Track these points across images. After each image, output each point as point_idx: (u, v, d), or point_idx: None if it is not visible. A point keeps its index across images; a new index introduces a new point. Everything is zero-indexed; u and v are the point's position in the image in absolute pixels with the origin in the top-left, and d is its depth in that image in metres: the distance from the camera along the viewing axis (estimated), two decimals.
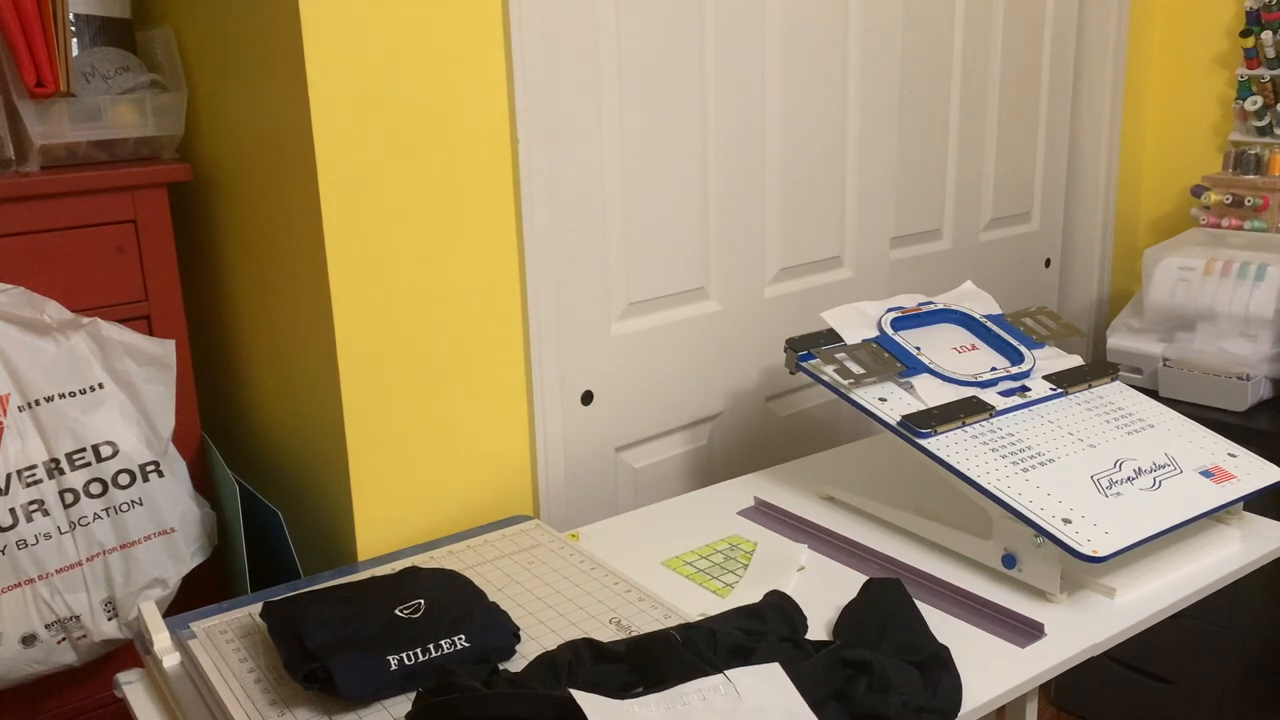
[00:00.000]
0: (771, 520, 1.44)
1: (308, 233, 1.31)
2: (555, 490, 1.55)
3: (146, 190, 1.42)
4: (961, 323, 1.53)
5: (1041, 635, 1.14)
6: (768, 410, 1.83)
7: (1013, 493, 1.22)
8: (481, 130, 1.39)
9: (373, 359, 1.34)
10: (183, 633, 1.15)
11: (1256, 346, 2.00)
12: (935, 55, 2.01)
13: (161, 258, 1.44)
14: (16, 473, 1.30)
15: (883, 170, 1.90)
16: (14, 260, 1.33)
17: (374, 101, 1.29)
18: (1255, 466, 1.34)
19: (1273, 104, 2.29)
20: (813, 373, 1.42)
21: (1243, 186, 2.27)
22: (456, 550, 1.35)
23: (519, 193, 1.43)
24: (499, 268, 1.44)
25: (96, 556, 1.35)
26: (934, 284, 2.12)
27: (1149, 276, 2.13)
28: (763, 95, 1.70)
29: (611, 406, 1.61)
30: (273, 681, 1.06)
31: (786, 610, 1.12)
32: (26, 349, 1.31)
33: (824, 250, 1.85)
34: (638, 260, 1.60)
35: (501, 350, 1.46)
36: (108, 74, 1.43)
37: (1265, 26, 2.25)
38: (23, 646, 1.31)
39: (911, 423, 1.30)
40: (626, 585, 1.23)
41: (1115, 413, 1.40)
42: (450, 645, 1.04)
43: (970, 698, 1.03)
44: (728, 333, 1.74)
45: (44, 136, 1.36)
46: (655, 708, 0.90)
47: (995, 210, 2.23)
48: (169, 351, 1.41)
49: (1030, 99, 2.25)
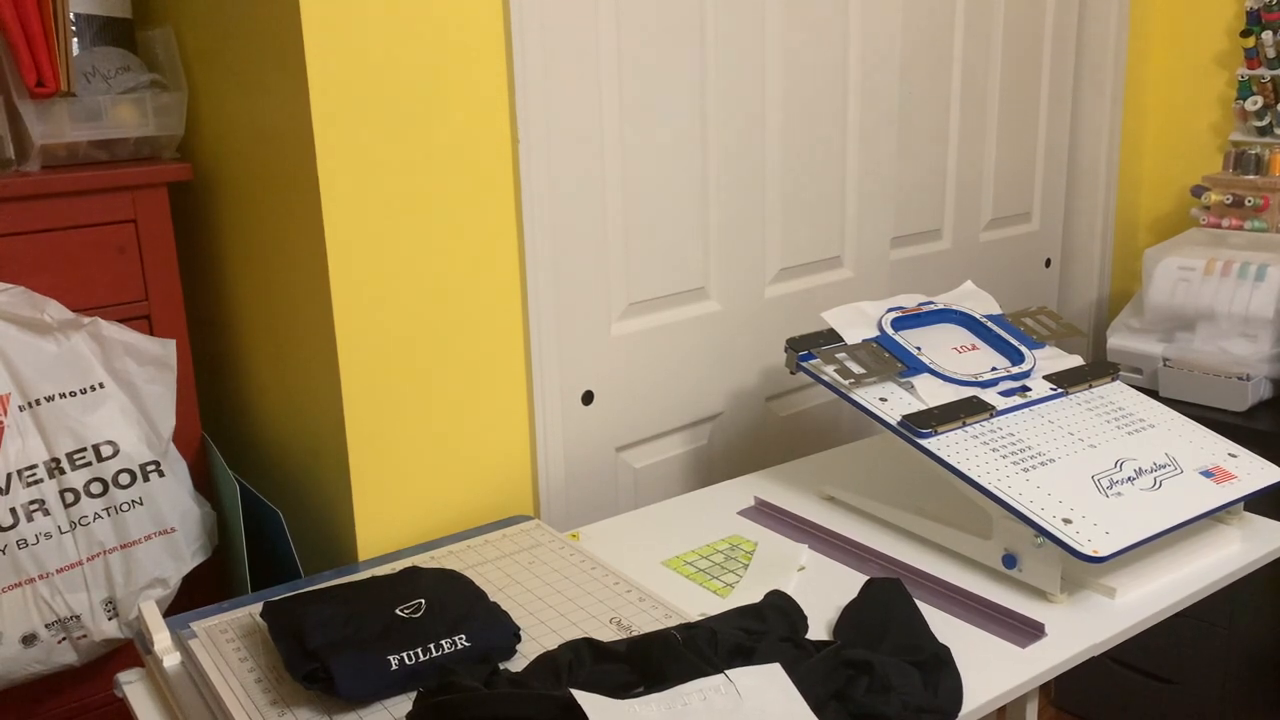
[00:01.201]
0: (772, 520, 1.44)
1: (308, 232, 1.31)
2: (555, 490, 1.55)
3: (146, 190, 1.42)
4: (962, 323, 1.53)
5: (1042, 635, 1.14)
6: (768, 410, 1.83)
7: (1013, 493, 1.22)
8: (481, 130, 1.39)
9: (373, 359, 1.34)
10: (183, 632, 1.15)
11: (1256, 346, 2.00)
12: (935, 55, 2.01)
13: (161, 258, 1.44)
14: (17, 472, 1.30)
15: (883, 170, 1.90)
16: (14, 260, 1.33)
17: (374, 101, 1.29)
18: (1255, 466, 1.34)
19: (1273, 104, 2.29)
20: (813, 373, 1.42)
21: (1243, 186, 2.27)
22: (457, 550, 1.35)
23: (519, 193, 1.43)
24: (499, 267, 1.44)
25: (97, 556, 1.35)
26: (934, 284, 2.12)
27: (1149, 276, 2.13)
28: (763, 95, 1.70)
29: (612, 406, 1.61)
30: (273, 681, 1.06)
31: (787, 610, 1.12)
32: (27, 349, 1.31)
33: (824, 250, 1.85)
34: (638, 260, 1.60)
35: (502, 350, 1.46)
36: (108, 74, 1.43)
37: (1265, 26, 2.25)
38: (23, 646, 1.31)
39: (912, 423, 1.30)
40: (627, 585, 1.23)
41: (1116, 413, 1.40)
42: (451, 645, 1.04)
43: (970, 698, 1.03)
44: (728, 333, 1.74)
45: (44, 136, 1.36)
46: (656, 708, 0.90)
47: (995, 210, 2.23)
48: (169, 351, 1.41)
49: (1030, 99, 2.25)
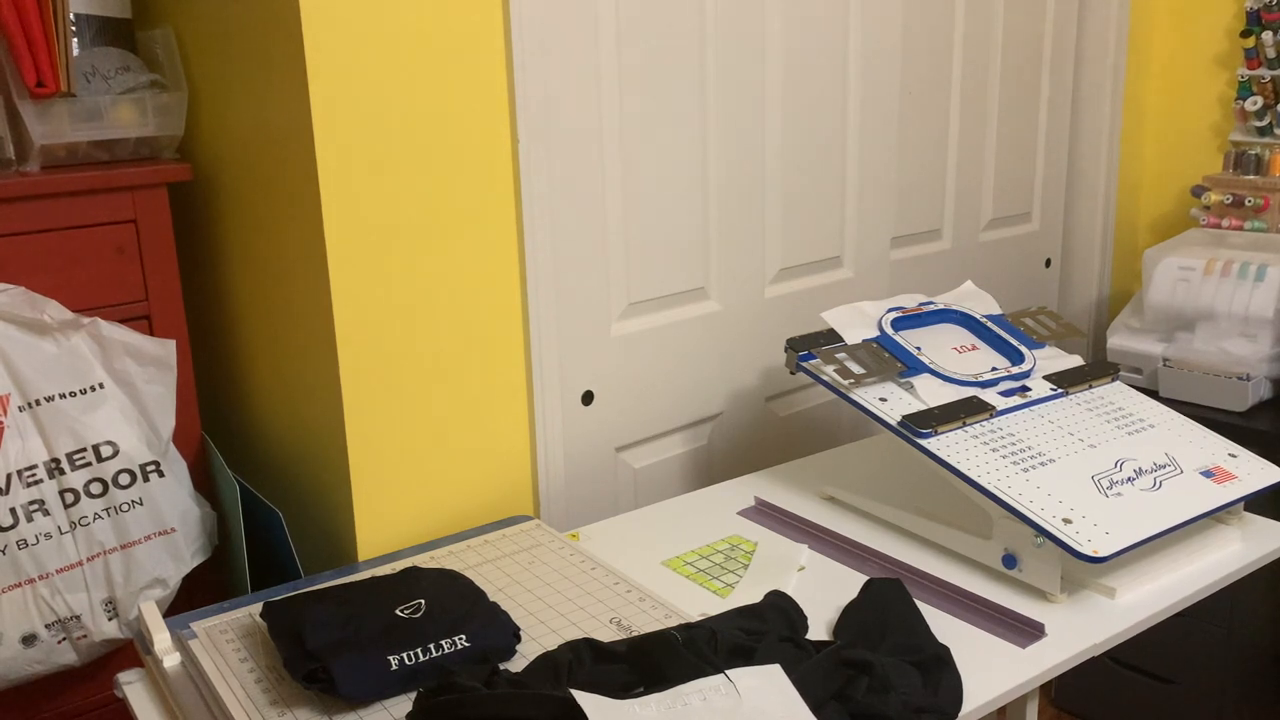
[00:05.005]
0: (771, 520, 1.44)
1: (308, 232, 1.31)
2: (555, 490, 1.55)
3: (146, 190, 1.42)
4: (962, 323, 1.53)
5: (1042, 635, 1.14)
6: (768, 410, 1.83)
7: (1013, 493, 1.22)
8: (481, 130, 1.39)
9: (373, 359, 1.34)
10: (183, 633, 1.15)
11: (1256, 346, 2.00)
12: (935, 55, 2.01)
13: (161, 258, 1.44)
14: (17, 473, 1.30)
15: (883, 170, 1.90)
16: (14, 260, 1.33)
17: (374, 101, 1.29)
18: (1255, 466, 1.34)
19: (1273, 104, 2.29)
20: (813, 373, 1.42)
21: (1243, 186, 2.27)
22: (457, 550, 1.35)
23: (519, 192, 1.43)
24: (499, 267, 1.44)
25: (97, 556, 1.35)
26: (934, 284, 2.12)
27: (1149, 276, 2.13)
28: (763, 95, 1.70)
29: (612, 406, 1.61)
30: (273, 681, 1.06)
31: (787, 610, 1.12)
32: (27, 349, 1.31)
33: (824, 250, 1.85)
34: (638, 260, 1.60)
35: (501, 350, 1.46)
36: (108, 74, 1.43)
37: (1265, 26, 2.25)
38: (23, 646, 1.31)
39: (912, 423, 1.30)
40: (627, 585, 1.23)
41: (1116, 413, 1.40)
42: (451, 645, 1.04)
43: (971, 698, 1.03)
44: (728, 333, 1.74)
45: (44, 136, 1.36)
46: (655, 708, 0.90)
47: (995, 210, 2.23)
48: (169, 351, 1.41)
49: (1030, 99, 2.25)
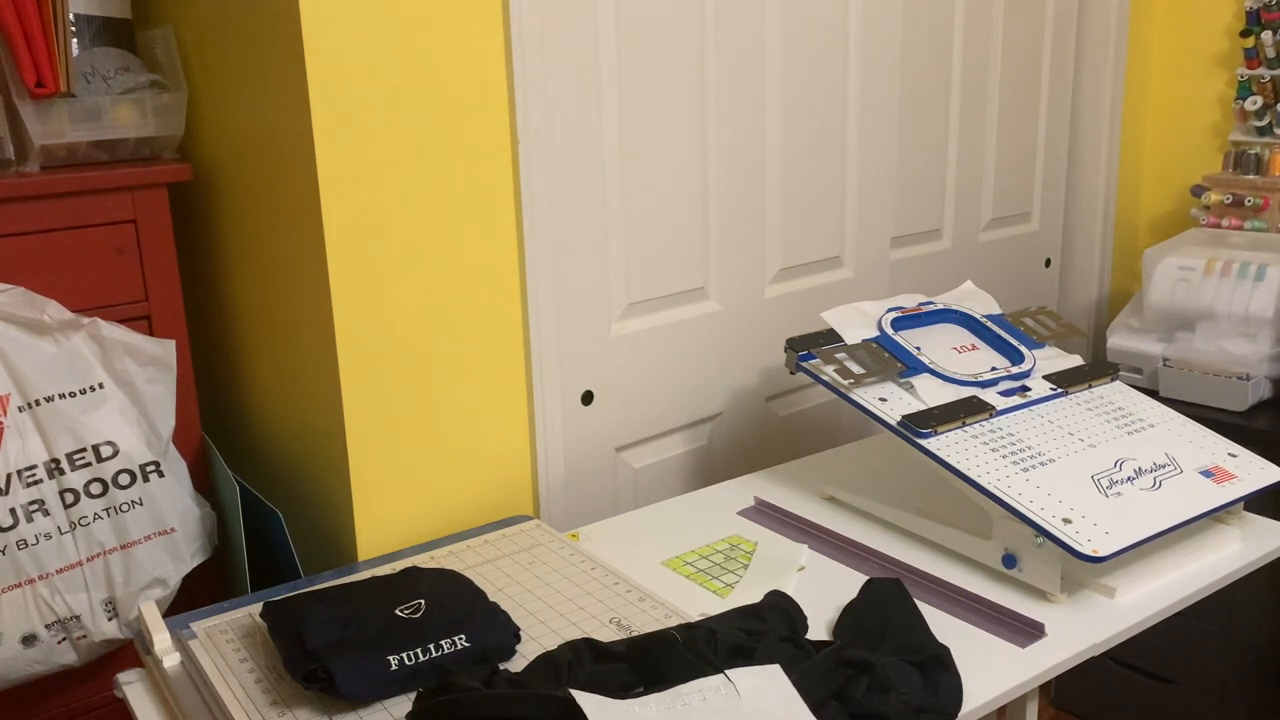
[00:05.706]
0: (771, 520, 1.44)
1: (308, 232, 1.31)
2: (555, 490, 1.55)
3: (146, 190, 1.42)
4: (962, 323, 1.53)
5: (1042, 635, 1.14)
6: (768, 410, 1.83)
7: (1013, 493, 1.22)
8: (481, 130, 1.39)
9: (373, 359, 1.34)
10: (183, 633, 1.15)
11: (1256, 346, 2.00)
12: (935, 55, 2.01)
13: (161, 258, 1.44)
14: (17, 473, 1.30)
15: (883, 170, 1.90)
16: (14, 260, 1.33)
17: (374, 101, 1.29)
18: (1255, 466, 1.34)
19: (1273, 104, 2.29)
20: (813, 373, 1.42)
21: (1243, 186, 2.27)
22: (457, 550, 1.35)
23: (519, 193, 1.43)
24: (499, 267, 1.44)
25: (97, 556, 1.35)
26: (934, 284, 2.12)
27: (1149, 276, 2.13)
28: (763, 95, 1.70)
29: (612, 406, 1.61)
30: (273, 681, 1.06)
31: (787, 610, 1.12)
32: (26, 349, 1.31)
33: (824, 250, 1.85)
34: (638, 260, 1.60)
35: (501, 350, 1.46)
36: (108, 74, 1.43)
37: (1265, 26, 2.25)
38: (23, 646, 1.31)
39: (912, 423, 1.30)
40: (626, 585, 1.23)
41: (1115, 413, 1.40)
42: (450, 645, 1.04)
43: (970, 698, 1.03)
44: (728, 333, 1.74)
45: (44, 136, 1.36)
46: (655, 708, 0.90)
47: (995, 210, 2.23)
48: (169, 351, 1.41)
49: (1030, 99, 2.25)
